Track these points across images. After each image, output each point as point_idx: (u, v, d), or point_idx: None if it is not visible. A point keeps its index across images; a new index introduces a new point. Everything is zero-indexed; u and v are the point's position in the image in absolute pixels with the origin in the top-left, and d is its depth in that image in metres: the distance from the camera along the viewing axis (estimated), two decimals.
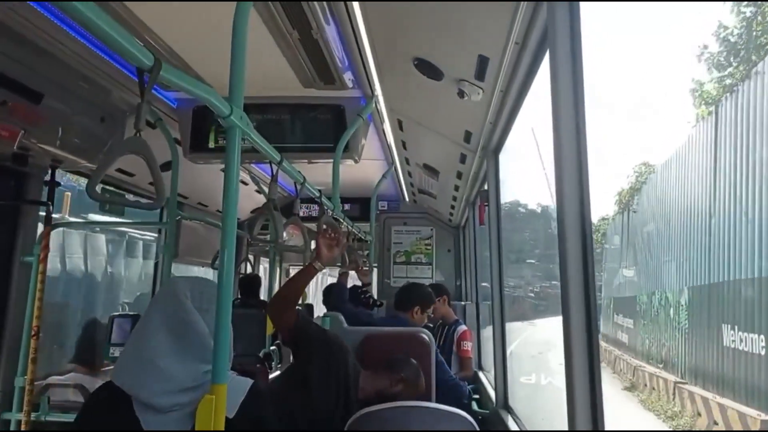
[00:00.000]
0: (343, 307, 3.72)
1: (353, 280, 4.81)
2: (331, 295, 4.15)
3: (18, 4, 1.92)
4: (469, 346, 4.13)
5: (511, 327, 4.74)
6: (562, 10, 1.43)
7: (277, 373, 3.52)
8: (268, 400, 1.53)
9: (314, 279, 2.46)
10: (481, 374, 4.16)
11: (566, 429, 1.38)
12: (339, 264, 4.21)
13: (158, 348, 1.33)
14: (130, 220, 4.67)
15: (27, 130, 2.24)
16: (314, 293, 10.00)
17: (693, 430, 9.96)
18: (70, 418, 2.78)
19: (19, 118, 2.19)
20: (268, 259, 6.59)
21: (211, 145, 2.98)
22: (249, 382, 1.47)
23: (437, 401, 2.62)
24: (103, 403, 1.40)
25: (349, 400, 2.34)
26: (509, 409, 2.88)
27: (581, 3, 1.41)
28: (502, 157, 3.02)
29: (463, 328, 4.21)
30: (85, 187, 1.21)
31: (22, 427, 2.65)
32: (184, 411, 1.31)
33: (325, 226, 2.37)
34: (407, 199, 5.98)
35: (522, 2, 1.62)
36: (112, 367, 3.11)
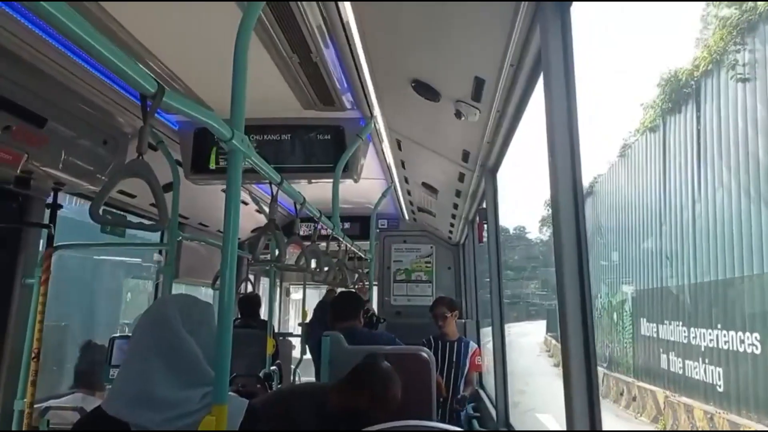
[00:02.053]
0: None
1: None
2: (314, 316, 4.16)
3: (21, 31, 1.96)
4: (479, 361, 4.12)
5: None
6: (554, 32, 1.47)
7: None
8: (266, 419, 1.52)
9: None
10: (481, 392, 4.13)
11: (564, 429, 1.38)
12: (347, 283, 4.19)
13: (153, 377, 1.31)
14: (132, 242, 4.68)
15: (30, 153, 2.27)
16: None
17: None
18: None
19: (23, 142, 2.22)
20: (267, 279, 6.60)
21: (212, 166, 3.01)
22: (245, 402, 1.47)
23: None
24: (98, 428, 1.37)
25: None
26: (510, 427, 2.86)
27: (573, 27, 1.45)
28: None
29: (474, 345, 4.20)
30: (88, 209, 1.22)
31: None
32: None
33: None
34: (407, 218, 6.01)
35: (516, 25, 1.66)
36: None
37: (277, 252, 2.24)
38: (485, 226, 3.24)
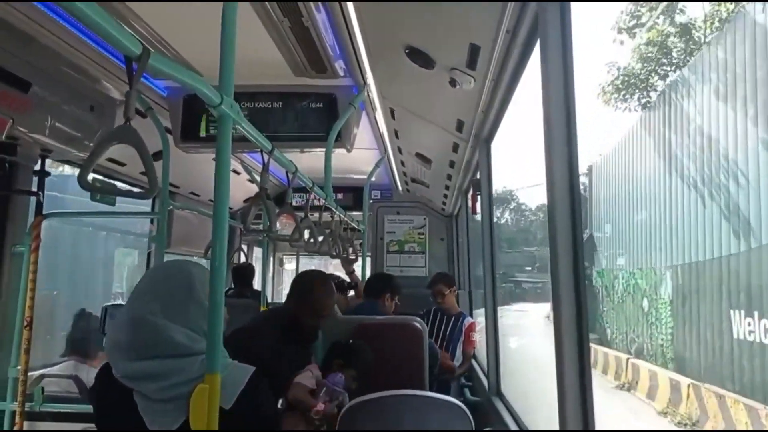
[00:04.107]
0: None
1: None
2: None
3: None
4: (477, 337, 4.17)
5: None
6: None
7: None
8: (269, 388, 1.50)
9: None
10: (473, 362, 4.19)
11: (557, 429, 1.39)
12: (334, 254, 4.21)
13: (138, 370, 1.34)
14: (122, 211, 4.64)
15: (15, 119, 2.22)
16: None
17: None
18: (64, 408, 2.78)
19: (7, 107, 2.17)
20: (261, 249, 6.60)
21: (203, 134, 2.97)
22: (250, 370, 1.45)
23: None
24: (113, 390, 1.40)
25: None
26: (501, 396, 2.91)
27: None
28: None
29: (470, 319, 4.24)
30: (76, 176, 1.20)
31: (17, 418, 2.65)
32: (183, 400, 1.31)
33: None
34: (400, 189, 5.99)
35: None
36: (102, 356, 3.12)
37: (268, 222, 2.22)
38: (479, 196, 3.22)
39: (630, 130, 14.46)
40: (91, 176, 1.20)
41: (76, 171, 3.27)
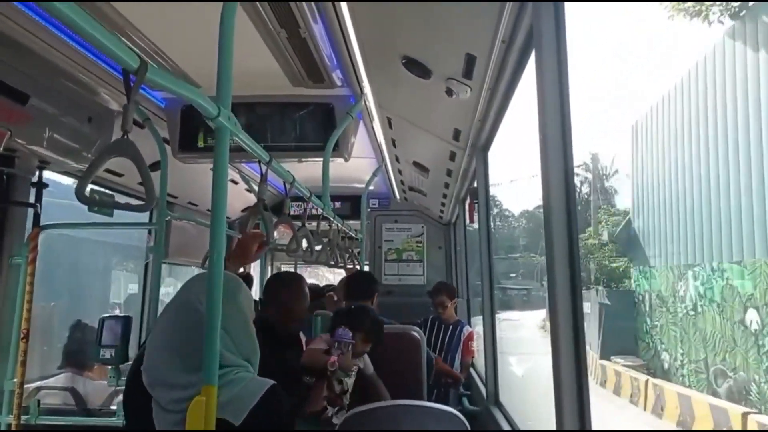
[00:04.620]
0: None
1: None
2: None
3: (2, 5, 1.90)
4: (475, 346, 4.16)
5: None
6: (547, 9, 1.44)
7: None
8: (285, 404, 1.47)
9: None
10: (471, 371, 4.18)
11: (554, 429, 1.38)
12: (332, 263, 4.21)
13: (165, 363, 1.37)
14: (119, 222, 4.63)
15: (13, 131, 2.22)
16: None
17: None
18: (60, 420, 2.76)
19: (5, 119, 2.17)
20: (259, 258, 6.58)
21: (200, 144, 2.97)
22: (267, 384, 1.42)
23: None
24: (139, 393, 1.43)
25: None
26: (500, 406, 2.90)
27: (566, 2, 1.42)
28: None
29: (469, 328, 4.23)
30: (74, 190, 1.20)
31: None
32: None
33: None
34: (398, 197, 5.99)
35: (508, 1, 1.63)
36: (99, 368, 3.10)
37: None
38: (476, 205, 3.23)
39: (703, 57, 10.76)
40: (88, 188, 1.20)
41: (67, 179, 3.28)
